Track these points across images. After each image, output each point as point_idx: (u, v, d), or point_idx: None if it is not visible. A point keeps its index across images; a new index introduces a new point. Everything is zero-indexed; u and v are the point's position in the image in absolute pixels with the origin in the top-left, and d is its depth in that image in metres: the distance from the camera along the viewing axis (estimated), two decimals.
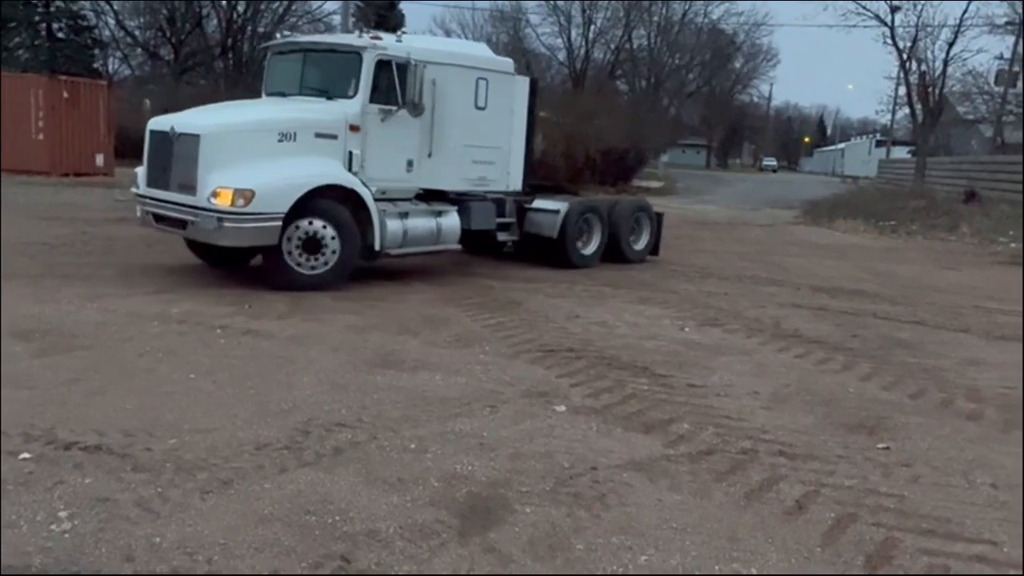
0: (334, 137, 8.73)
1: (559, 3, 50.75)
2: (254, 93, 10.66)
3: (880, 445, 4.81)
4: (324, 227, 8.47)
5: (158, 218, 8.56)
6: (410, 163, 9.35)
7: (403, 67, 8.89)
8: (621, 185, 29.57)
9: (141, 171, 8.80)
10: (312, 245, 8.47)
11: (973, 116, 40.72)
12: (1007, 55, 35.83)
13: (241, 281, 8.74)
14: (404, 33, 9.76)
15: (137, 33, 44.12)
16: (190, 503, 3.60)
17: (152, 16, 42.00)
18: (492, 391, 5.45)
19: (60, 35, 38.04)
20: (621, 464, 4.31)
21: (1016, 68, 35.39)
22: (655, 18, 54.98)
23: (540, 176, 14.27)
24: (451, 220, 9.77)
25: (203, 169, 8.02)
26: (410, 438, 4.51)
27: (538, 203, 11.12)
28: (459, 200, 10.02)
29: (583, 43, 51.52)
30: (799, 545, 3.52)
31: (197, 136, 8.11)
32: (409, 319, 7.50)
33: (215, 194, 7.95)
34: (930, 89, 35.81)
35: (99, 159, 22.19)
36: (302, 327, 6.95)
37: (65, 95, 21.32)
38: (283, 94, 9.39)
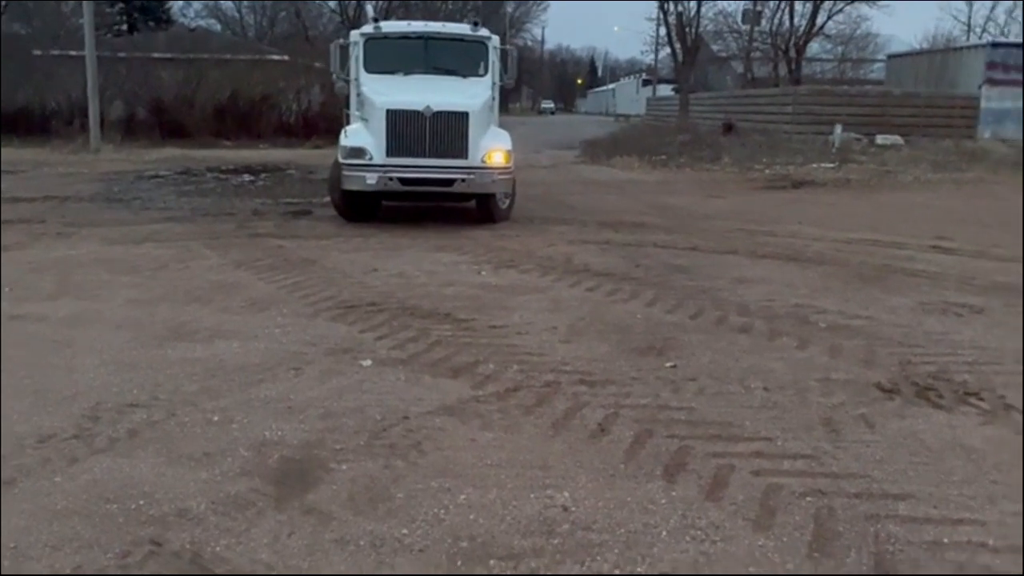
0: (492, 108, 11.16)
1: None
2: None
3: (668, 364, 5.20)
4: None
5: (405, 181, 10.09)
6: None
7: (504, 52, 11.58)
8: None
9: (373, 144, 10.09)
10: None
11: (726, 53, 43.99)
12: None
13: None
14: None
15: None
16: None
17: None
18: (295, 353, 5.33)
19: None
20: (432, 410, 4.38)
21: (759, 8, 38.44)
22: None
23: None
24: None
25: (472, 138, 10.12)
26: (212, 410, 4.33)
27: None
28: None
29: None
30: (605, 464, 3.76)
31: (465, 113, 10.11)
32: (197, 287, 7.13)
33: (488, 156, 10.21)
34: (687, 29, 38.21)
35: None
36: (77, 306, 6.42)
37: None
38: (396, 72, 10.95)
